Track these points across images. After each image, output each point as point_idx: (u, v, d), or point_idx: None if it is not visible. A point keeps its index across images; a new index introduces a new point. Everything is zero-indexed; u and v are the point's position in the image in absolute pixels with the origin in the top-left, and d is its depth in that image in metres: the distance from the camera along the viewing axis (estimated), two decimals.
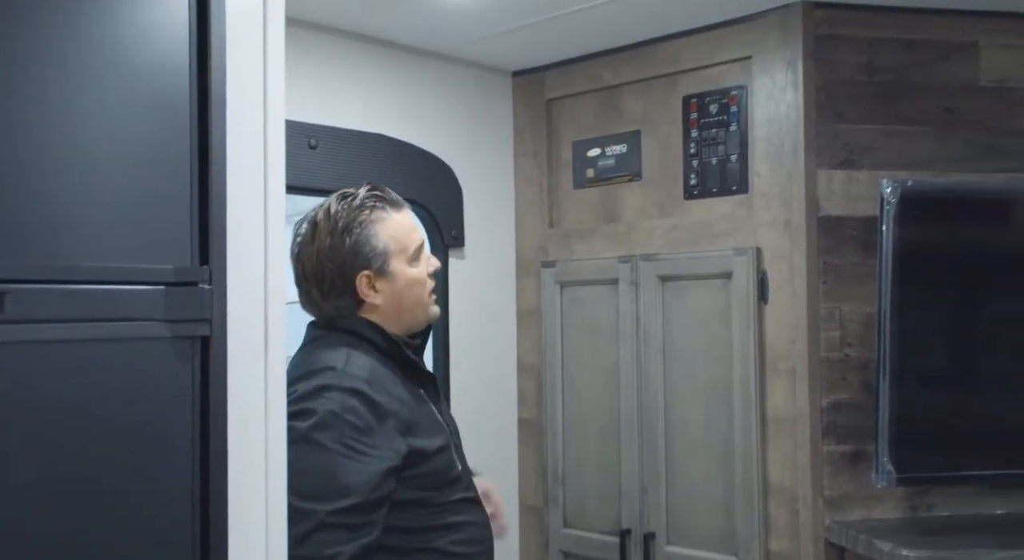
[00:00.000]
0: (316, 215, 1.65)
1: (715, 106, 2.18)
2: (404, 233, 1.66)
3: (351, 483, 1.46)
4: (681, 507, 2.21)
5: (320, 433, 1.47)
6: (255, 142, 1.27)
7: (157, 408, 1.12)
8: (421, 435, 1.57)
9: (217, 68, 1.16)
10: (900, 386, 1.88)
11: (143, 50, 1.11)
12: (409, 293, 1.65)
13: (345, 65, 2.25)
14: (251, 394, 1.26)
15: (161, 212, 1.15)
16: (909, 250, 1.88)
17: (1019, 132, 2.11)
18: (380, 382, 1.57)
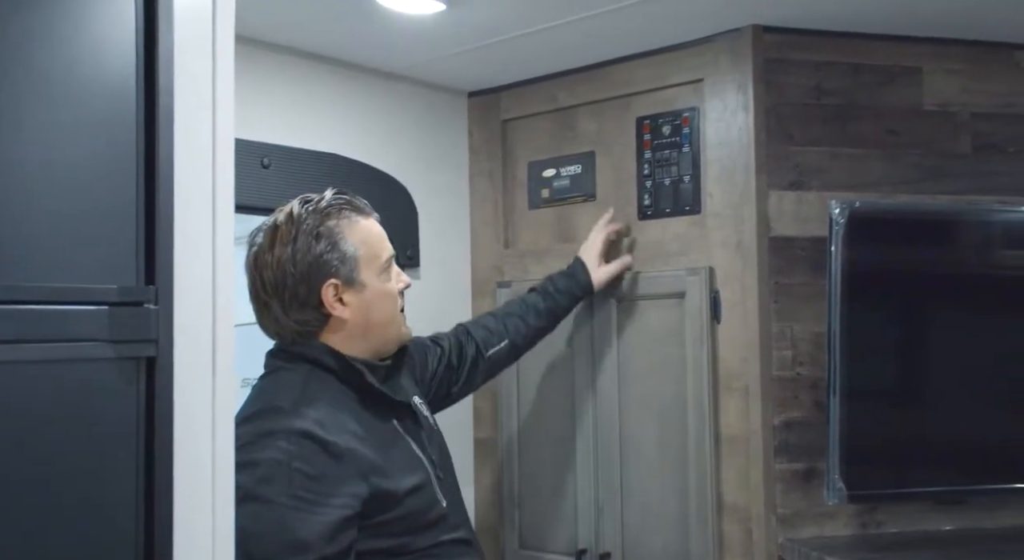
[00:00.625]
0: (276, 220, 1.52)
1: (668, 128, 2.21)
2: (375, 241, 1.55)
3: (306, 538, 1.34)
4: (636, 526, 2.21)
5: (266, 488, 1.35)
6: (203, 160, 1.26)
7: (100, 431, 1.10)
8: (389, 475, 1.45)
9: (165, 84, 1.15)
10: (850, 404, 1.91)
11: (88, 66, 1.09)
12: (379, 307, 1.54)
13: (300, 84, 2.24)
14: (199, 417, 1.23)
15: (106, 231, 1.13)
16: (857, 270, 1.91)
17: (961, 155, 2.16)
18: (338, 420, 1.44)
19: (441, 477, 1.58)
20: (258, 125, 2.12)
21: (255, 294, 1.53)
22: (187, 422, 1.22)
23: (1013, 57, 2.20)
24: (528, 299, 2.08)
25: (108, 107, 1.13)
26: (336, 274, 1.50)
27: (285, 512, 1.36)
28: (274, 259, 1.49)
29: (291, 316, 1.51)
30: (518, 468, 2.44)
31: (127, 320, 1.10)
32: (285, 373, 1.54)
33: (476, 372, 1.93)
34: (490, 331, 1.96)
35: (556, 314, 2.11)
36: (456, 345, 1.91)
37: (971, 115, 2.18)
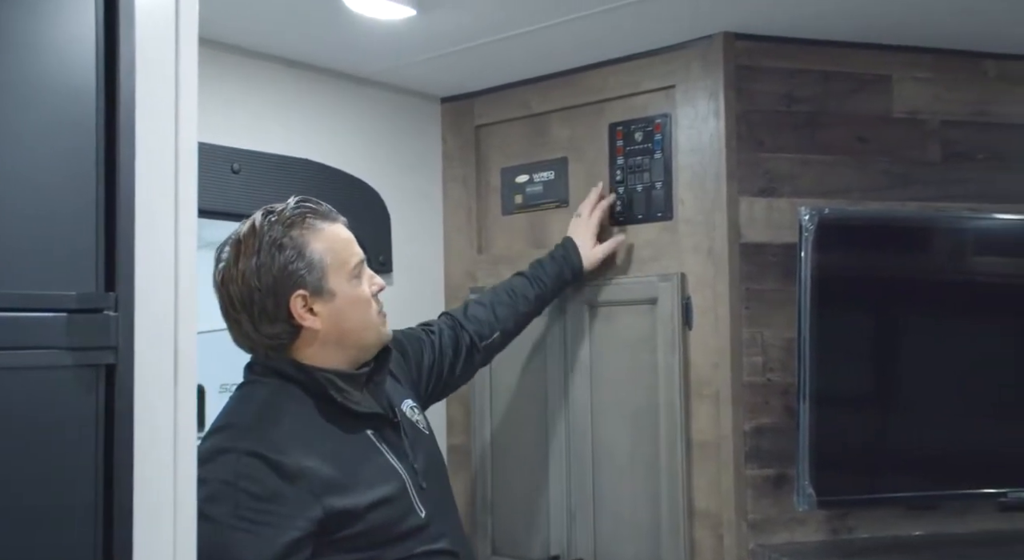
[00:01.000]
0: (239, 234, 1.50)
1: (640, 134, 2.21)
2: (341, 246, 1.52)
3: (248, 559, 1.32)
4: (608, 533, 2.20)
5: (211, 506, 1.31)
6: (166, 164, 1.24)
7: (58, 441, 1.08)
8: (350, 491, 1.42)
9: (126, 86, 1.13)
10: (820, 410, 1.91)
11: (47, 67, 1.07)
12: (352, 314, 1.50)
13: (271, 89, 2.22)
14: (160, 427, 1.21)
15: (64, 236, 1.11)
16: (827, 276, 1.92)
17: (929, 163, 2.18)
18: (300, 437, 1.42)
19: (424, 486, 1.54)
20: (228, 130, 2.10)
21: (225, 311, 1.51)
22: (148, 432, 1.20)
23: (981, 65, 2.22)
24: (516, 286, 2.05)
25: (67, 110, 1.12)
26: (304, 284, 1.47)
27: (230, 533, 1.34)
28: (239, 273, 1.46)
29: (262, 331, 1.48)
30: (491, 474, 2.43)
31: (86, 327, 1.08)
32: (253, 387, 1.52)
33: (472, 362, 1.94)
34: (481, 322, 1.96)
35: (545, 300, 2.10)
36: (451, 337, 1.90)
37: (940, 123, 2.20)
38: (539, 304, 2.09)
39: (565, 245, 2.14)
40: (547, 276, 2.08)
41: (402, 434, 1.58)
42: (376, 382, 1.59)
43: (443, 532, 1.54)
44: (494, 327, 1.97)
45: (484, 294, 2.07)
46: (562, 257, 2.12)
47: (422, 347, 1.83)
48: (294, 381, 1.49)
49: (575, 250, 2.13)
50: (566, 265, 2.11)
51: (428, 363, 1.83)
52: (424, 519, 1.51)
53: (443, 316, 1.98)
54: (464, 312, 1.97)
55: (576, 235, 2.15)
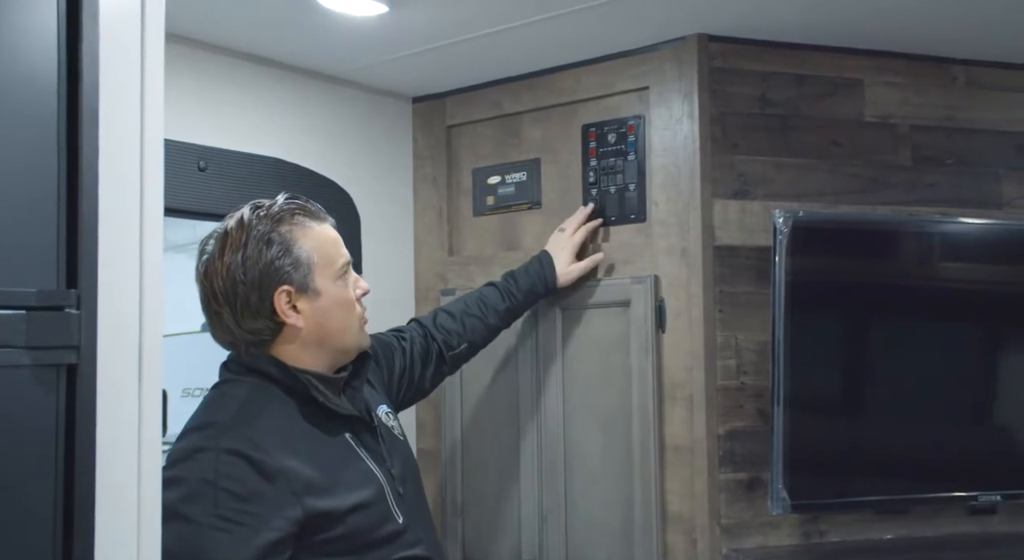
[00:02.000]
0: (226, 226, 1.47)
1: (613, 135, 2.20)
2: (329, 246, 1.50)
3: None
4: (581, 537, 2.18)
5: (190, 506, 1.30)
6: (131, 158, 1.20)
7: (16, 442, 1.04)
8: (330, 494, 1.40)
9: (89, 78, 1.09)
10: (794, 414, 1.91)
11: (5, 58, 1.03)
12: (335, 315, 1.49)
13: (239, 86, 2.18)
14: (123, 428, 1.17)
15: (24, 230, 1.07)
16: (801, 279, 1.92)
17: (900, 167, 2.19)
18: (279, 437, 1.40)
19: (401, 492, 1.53)
20: (195, 127, 2.06)
21: (206, 303, 1.48)
22: (111, 433, 1.16)
23: (950, 71, 2.24)
24: (487, 298, 2.03)
25: (27, 100, 1.08)
26: (289, 280, 1.45)
27: (208, 532, 1.31)
28: (223, 266, 1.44)
29: (243, 326, 1.46)
30: (461, 478, 2.40)
31: (46, 325, 1.04)
32: (231, 386, 1.50)
33: (440, 371, 1.93)
34: (449, 332, 1.94)
35: (515, 313, 2.09)
36: (422, 345, 1.88)
37: (911, 127, 2.21)
38: (509, 317, 2.07)
39: (541, 260, 2.12)
40: (519, 290, 2.06)
41: (379, 438, 1.57)
42: (354, 387, 1.57)
43: (419, 538, 1.53)
44: (462, 338, 1.95)
45: (454, 303, 2.04)
46: (537, 272, 2.09)
47: (393, 354, 1.81)
48: (274, 380, 1.47)
49: (551, 265, 2.11)
50: (540, 280, 2.09)
51: (399, 370, 1.81)
52: (401, 525, 1.49)
53: (413, 323, 1.95)
54: (433, 320, 1.95)
55: (555, 251, 2.13)
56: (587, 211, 2.18)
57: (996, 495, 2.05)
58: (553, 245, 2.15)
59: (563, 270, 2.11)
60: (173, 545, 1.24)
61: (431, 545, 1.57)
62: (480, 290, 2.07)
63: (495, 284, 2.07)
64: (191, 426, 1.45)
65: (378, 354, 1.76)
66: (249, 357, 1.49)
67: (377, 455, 1.54)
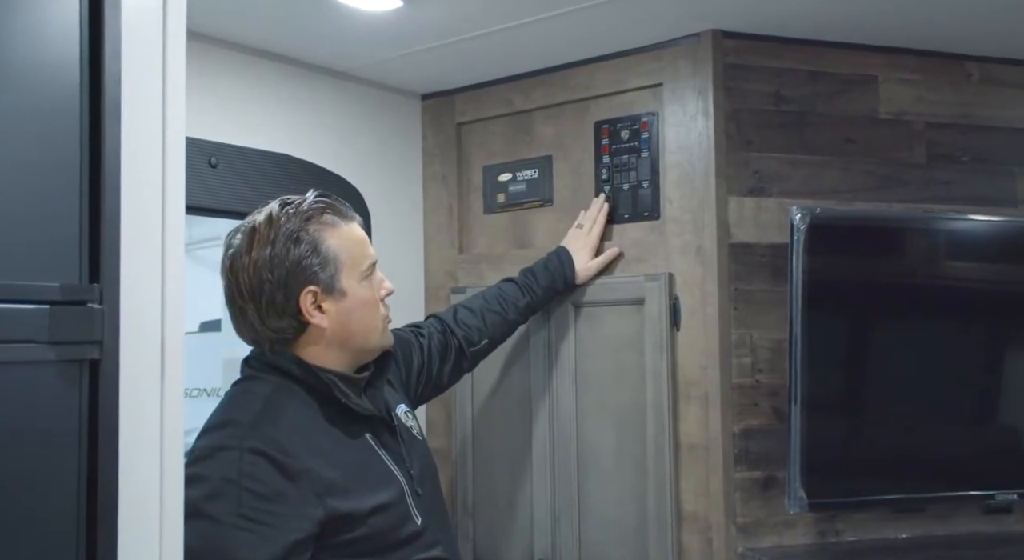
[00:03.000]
0: (254, 222, 1.46)
1: (627, 132, 2.18)
2: (357, 246, 1.49)
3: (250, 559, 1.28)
4: (594, 537, 2.17)
5: (212, 504, 1.29)
6: (153, 153, 1.19)
7: (40, 436, 1.03)
8: (351, 494, 1.39)
9: (111, 72, 1.08)
10: (811, 412, 1.89)
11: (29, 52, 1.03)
12: (360, 316, 1.48)
13: (250, 83, 2.16)
14: (146, 425, 1.16)
15: (48, 226, 1.06)
16: (818, 277, 1.90)
17: (914, 164, 2.18)
18: (301, 436, 1.39)
19: (420, 493, 1.52)
20: (205, 123, 2.04)
21: (231, 298, 1.47)
22: (133, 430, 1.15)
23: (965, 68, 2.23)
24: (507, 293, 2.03)
25: (51, 97, 1.07)
26: (315, 280, 1.44)
27: (230, 532, 1.31)
28: (251, 263, 1.43)
29: (268, 324, 1.45)
30: (472, 478, 2.39)
31: (69, 320, 1.03)
32: (254, 383, 1.48)
33: (460, 367, 1.93)
34: (470, 328, 1.93)
35: (533, 309, 2.09)
36: (440, 341, 1.87)
37: (925, 124, 2.20)
38: (527, 313, 2.07)
39: (560, 255, 2.11)
40: (538, 287, 2.06)
41: (399, 439, 1.56)
42: (376, 387, 1.56)
43: (438, 540, 1.52)
44: (483, 334, 1.95)
45: (473, 299, 2.03)
46: (556, 268, 2.09)
47: (412, 350, 1.80)
48: (296, 379, 1.46)
49: (570, 262, 2.10)
50: (559, 277, 2.09)
51: (417, 367, 1.80)
52: (420, 526, 1.49)
53: (432, 319, 1.94)
54: (453, 317, 1.94)
55: (573, 248, 2.12)
56: (601, 202, 2.16)
57: (1013, 494, 2.04)
58: (571, 242, 2.14)
59: (582, 267, 2.11)
60: (195, 543, 1.24)
61: (448, 546, 1.56)
62: (499, 285, 2.06)
63: (514, 280, 2.06)
64: (213, 423, 1.44)
65: (397, 352, 1.75)
66: (272, 355, 1.48)
67: (397, 455, 1.53)
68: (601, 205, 2.16)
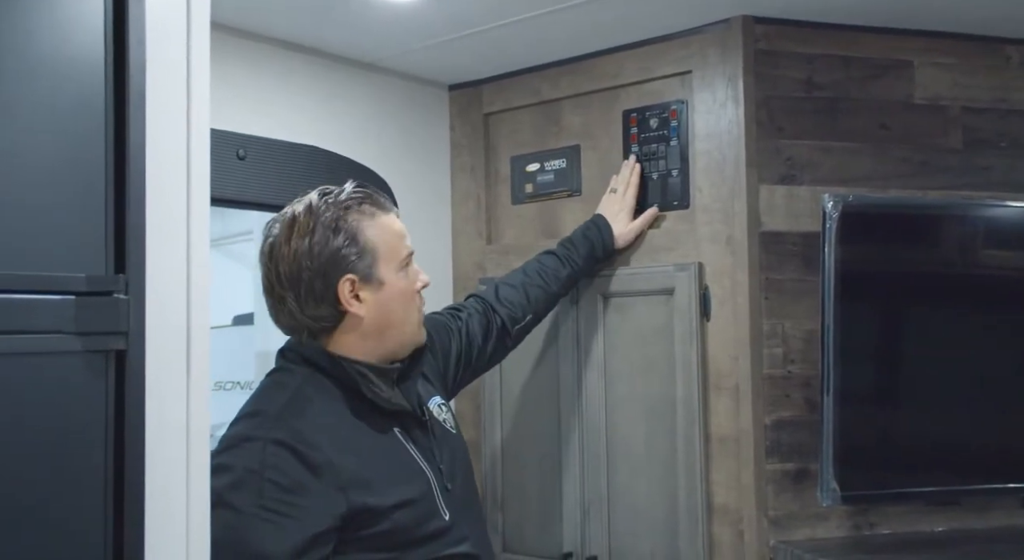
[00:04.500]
0: (294, 211, 1.47)
1: (655, 121, 2.16)
2: (394, 237, 1.50)
3: (270, 551, 1.29)
4: (624, 529, 2.15)
5: (235, 494, 1.30)
6: (178, 144, 1.19)
7: (67, 427, 1.03)
8: (375, 489, 1.39)
9: (136, 64, 1.08)
10: (844, 404, 1.86)
11: (54, 45, 1.03)
12: (397, 306, 1.48)
13: (277, 75, 2.17)
14: (172, 415, 1.16)
15: (73, 217, 1.07)
16: (851, 266, 1.87)
17: (950, 150, 2.13)
18: (326, 429, 1.39)
19: (449, 488, 1.51)
20: (233, 115, 2.05)
21: (269, 287, 1.48)
22: (159, 420, 1.15)
23: (1003, 51, 2.18)
24: (547, 266, 2.02)
25: (76, 88, 1.07)
26: (354, 269, 1.45)
27: (252, 522, 1.31)
28: (290, 252, 1.44)
29: (306, 312, 1.45)
30: (501, 470, 2.38)
31: (95, 311, 1.03)
32: (284, 375, 1.49)
33: (503, 345, 1.92)
34: (514, 305, 1.93)
35: (575, 280, 2.08)
36: (481, 322, 1.87)
37: (962, 109, 2.15)
38: (569, 284, 2.06)
39: (597, 223, 2.10)
40: (579, 256, 2.05)
41: (430, 433, 1.55)
42: (409, 379, 1.55)
43: (466, 535, 1.51)
44: (527, 310, 1.95)
45: (513, 274, 2.02)
46: (595, 236, 2.08)
47: (450, 337, 1.80)
48: (325, 372, 1.46)
49: (607, 228, 2.09)
50: (599, 244, 2.08)
51: (456, 352, 1.80)
52: (448, 521, 1.48)
53: (473, 299, 1.93)
54: (496, 295, 1.93)
55: (609, 212, 2.11)
56: (632, 163, 2.15)
57: None
58: (607, 207, 2.13)
59: (622, 231, 2.10)
60: (218, 532, 1.29)
61: (478, 542, 1.55)
62: (539, 258, 2.05)
63: (554, 252, 2.06)
64: (242, 413, 1.45)
65: (434, 343, 1.74)
66: (305, 347, 1.48)
67: (426, 450, 1.52)
68: (632, 166, 2.14)
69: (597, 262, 2.11)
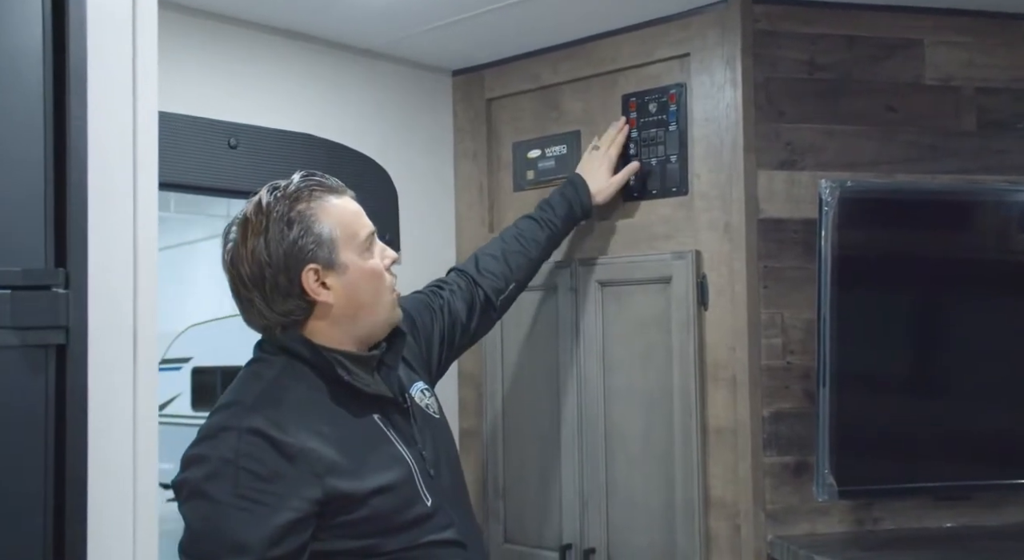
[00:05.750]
0: (246, 212, 1.45)
1: (654, 105, 2.10)
2: (351, 219, 1.48)
3: (246, 539, 1.28)
4: (622, 521, 2.12)
5: (211, 485, 1.30)
6: (122, 134, 1.18)
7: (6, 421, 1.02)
8: (352, 475, 1.38)
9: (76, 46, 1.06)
10: (841, 394, 1.81)
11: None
12: (366, 287, 1.46)
13: (272, 62, 2.15)
14: (116, 408, 1.16)
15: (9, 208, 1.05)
16: (849, 253, 1.81)
17: (963, 132, 2.05)
18: (302, 418, 1.38)
19: (432, 474, 1.50)
20: (225, 104, 2.04)
21: (236, 291, 1.46)
22: (104, 415, 1.14)
23: (1021, 28, 2.09)
24: (526, 231, 2.00)
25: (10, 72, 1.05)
26: (314, 258, 1.43)
27: (228, 512, 1.30)
28: (248, 252, 1.42)
29: (275, 308, 1.44)
30: (503, 459, 2.36)
31: (32, 305, 1.02)
32: (261, 365, 1.48)
33: (488, 317, 1.91)
34: (496, 276, 1.90)
35: (555, 241, 2.07)
36: (465, 297, 1.85)
37: (976, 90, 2.07)
38: (550, 247, 2.04)
39: (574, 181, 2.08)
40: (556, 217, 2.03)
41: (411, 420, 1.54)
42: (389, 366, 1.54)
43: (450, 521, 1.49)
44: (509, 279, 1.92)
45: (492, 243, 1.99)
46: (572, 196, 2.06)
47: (432, 317, 1.78)
48: (303, 360, 1.45)
49: (584, 186, 2.07)
50: (576, 203, 2.06)
51: (440, 332, 1.78)
52: (430, 508, 1.46)
53: (454, 273, 1.91)
54: (476, 267, 1.91)
55: (588, 169, 2.10)
56: (621, 124, 2.13)
57: None
58: (586, 164, 2.12)
59: (601, 186, 2.08)
60: (196, 523, 1.29)
61: (464, 528, 1.53)
62: (516, 224, 2.03)
63: (531, 216, 2.04)
64: (220, 404, 1.44)
65: (415, 325, 1.72)
66: (283, 337, 1.47)
67: (407, 436, 1.50)
68: (621, 126, 2.13)
69: (576, 221, 2.09)
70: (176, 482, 1.32)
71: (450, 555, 1.47)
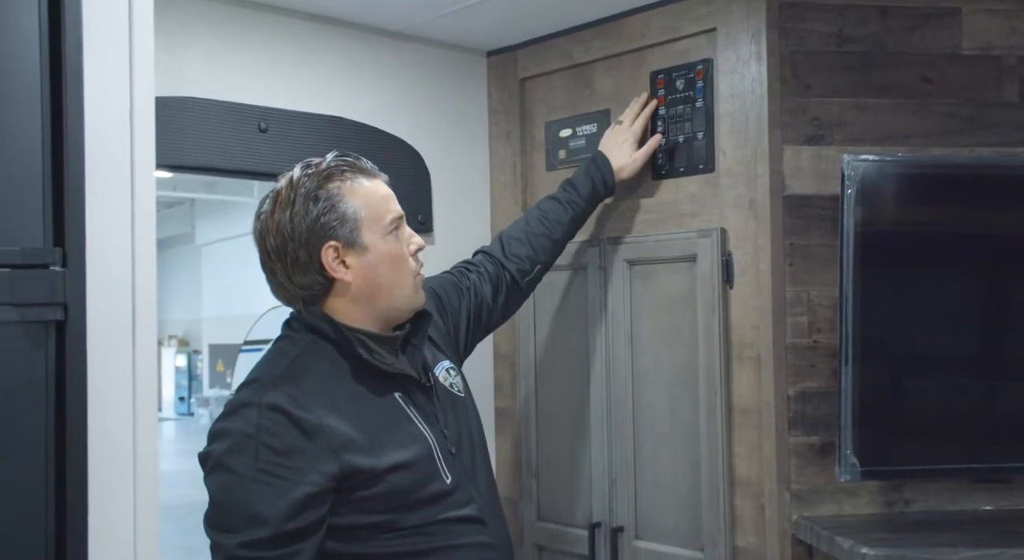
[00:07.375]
0: (278, 186, 1.51)
1: (682, 81, 2.08)
2: (377, 201, 1.51)
3: (264, 512, 1.32)
4: (649, 500, 2.12)
5: (232, 458, 1.35)
6: (119, 115, 1.21)
7: (6, 398, 1.07)
8: (370, 452, 1.41)
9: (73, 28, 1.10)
10: (865, 373, 1.77)
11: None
12: (385, 270, 1.49)
13: (303, 47, 2.18)
14: (116, 382, 1.20)
15: (8, 188, 1.10)
16: (873, 229, 1.76)
17: (1005, 104, 1.97)
18: (322, 394, 1.42)
19: (453, 452, 1.52)
20: (256, 88, 2.08)
21: (262, 261, 1.52)
22: (103, 390, 1.18)
23: None
24: (550, 213, 2.02)
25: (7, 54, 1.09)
26: (335, 236, 1.46)
27: (248, 485, 1.34)
28: (275, 225, 1.47)
29: (295, 281, 1.48)
30: (536, 438, 2.37)
31: (30, 283, 1.07)
32: (286, 342, 1.52)
33: (515, 299, 1.94)
34: (521, 259, 1.93)
35: (579, 222, 2.08)
36: (493, 280, 1.88)
37: (1018, 59, 1.99)
38: (574, 227, 2.06)
39: (596, 160, 2.08)
40: (580, 197, 2.04)
41: (434, 398, 1.56)
42: (414, 345, 1.57)
43: (470, 498, 1.51)
44: (534, 261, 1.95)
45: (515, 226, 2.00)
46: (594, 174, 2.06)
47: (460, 296, 1.81)
48: (328, 339, 1.49)
49: (606, 164, 2.07)
50: (599, 181, 2.06)
51: (467, 312, 1.81)
52: (450, 485, 1.48)
53: (481, 255, 1.94)
54: (503, 250, 1.93)
55: (613, 144, 2.10)
56: (643, 100, 2.13)
57: None
58: (610, 140, 2.12)
59: (624, 162, 2.08)
60: (218, 494, 1.35)
61: (484, 505, 1.55)
62: (539, 205, 2.04)
63: (555, 197, 2.05)
64: (245, 381, 1.49)
65: (442, 305, 1.75)
66: (308, 315, 1.51)
67: (429, 415, 1.53)
68: (645, 101, 2.13)
69: (600, 199, 2.10)
70: (202, 455, 1.38)
71: (469, 531, 1.49)
